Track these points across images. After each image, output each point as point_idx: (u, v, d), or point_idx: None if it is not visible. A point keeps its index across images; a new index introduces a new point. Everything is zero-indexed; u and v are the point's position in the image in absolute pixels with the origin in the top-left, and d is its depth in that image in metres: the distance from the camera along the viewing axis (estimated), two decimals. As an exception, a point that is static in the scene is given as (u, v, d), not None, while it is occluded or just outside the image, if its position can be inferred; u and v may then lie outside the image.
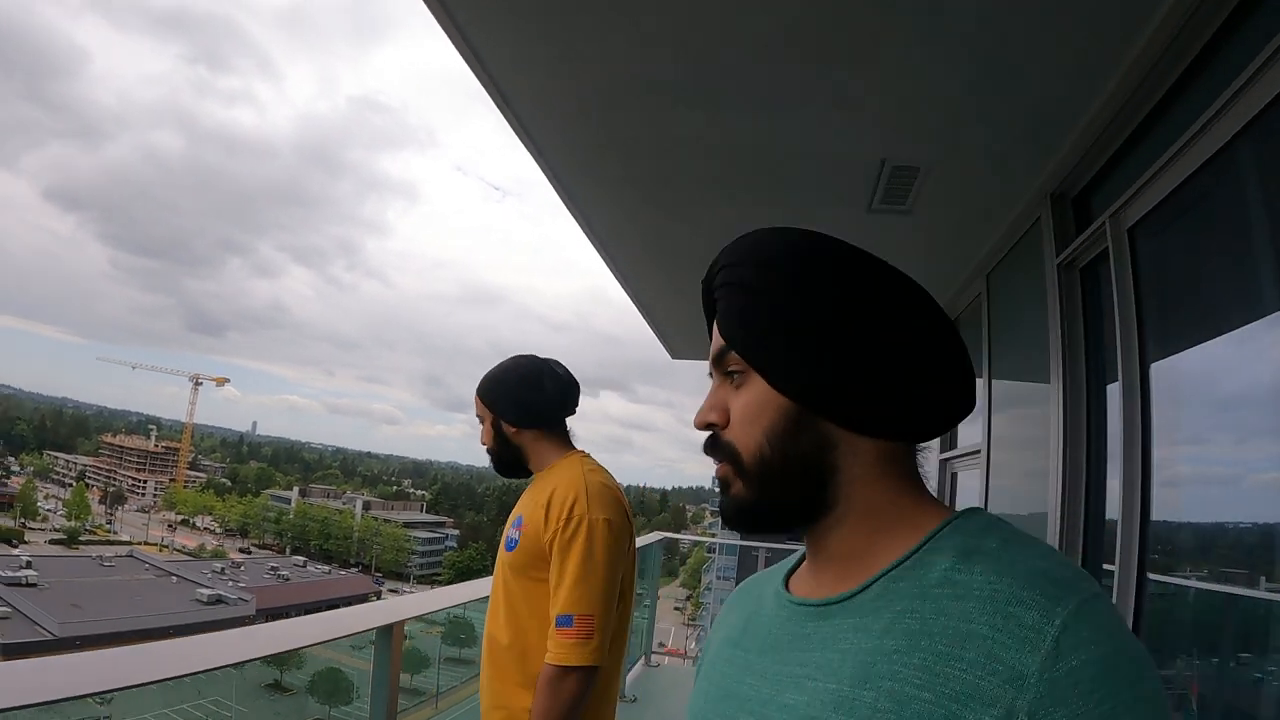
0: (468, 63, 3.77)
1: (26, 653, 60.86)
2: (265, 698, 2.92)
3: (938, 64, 3.53)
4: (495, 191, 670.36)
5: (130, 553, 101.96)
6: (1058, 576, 0.91)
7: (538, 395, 2.99)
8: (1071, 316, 4.31)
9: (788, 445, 1.07)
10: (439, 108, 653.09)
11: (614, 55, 3.69)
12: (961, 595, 0.93)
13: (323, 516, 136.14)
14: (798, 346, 1.06)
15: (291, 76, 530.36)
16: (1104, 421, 4.11)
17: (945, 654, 0.90)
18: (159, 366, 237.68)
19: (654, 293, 8.22)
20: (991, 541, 0.99)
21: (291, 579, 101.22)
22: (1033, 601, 0.88)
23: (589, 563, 2.69)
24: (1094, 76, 3.53)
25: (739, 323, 1.11)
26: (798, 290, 1.07)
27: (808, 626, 1.07)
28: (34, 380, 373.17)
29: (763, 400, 1.09)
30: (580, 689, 2.64)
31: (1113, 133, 3.82)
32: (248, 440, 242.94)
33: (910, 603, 0.97)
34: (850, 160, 4.52)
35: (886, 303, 1.06)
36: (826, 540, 1.10)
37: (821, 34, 3.40)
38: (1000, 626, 0.88)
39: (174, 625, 72.28)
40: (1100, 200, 4.12)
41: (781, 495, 1.09)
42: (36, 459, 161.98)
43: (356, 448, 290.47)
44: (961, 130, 4.11)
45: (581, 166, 5.01)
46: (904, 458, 1.10)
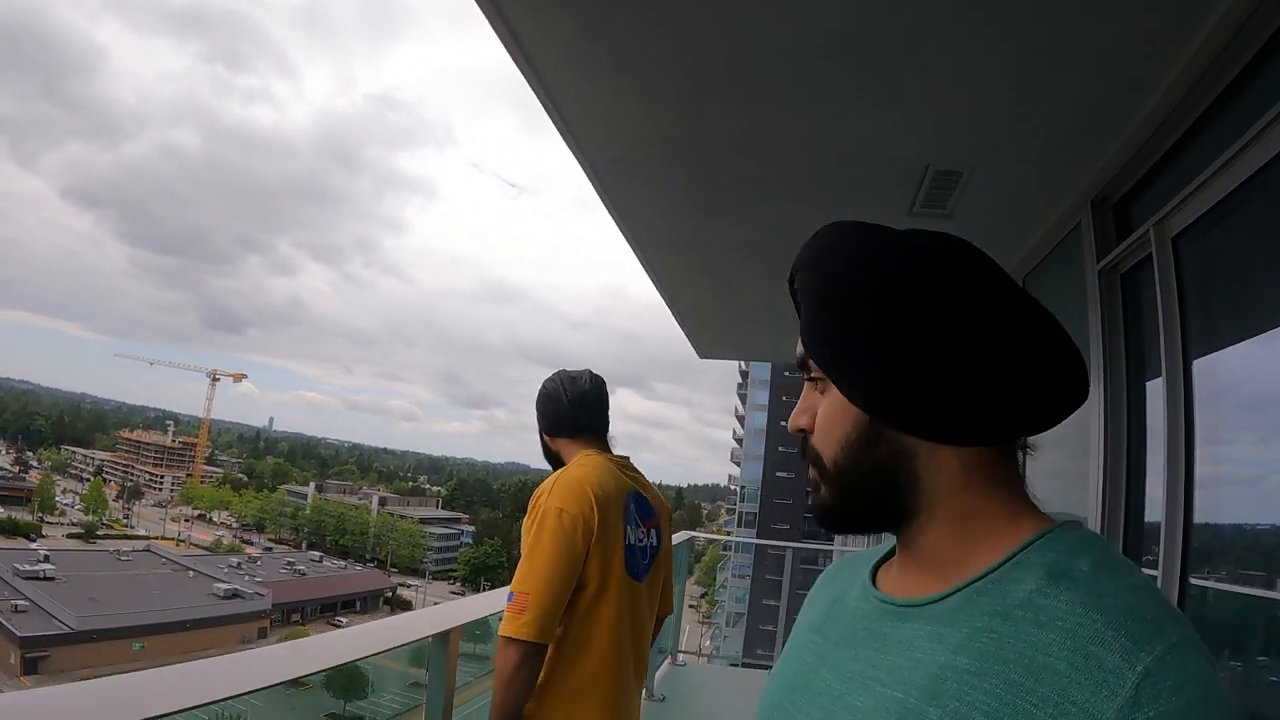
0: (513, 58, 3.80)
1: (44, 645, 61.35)
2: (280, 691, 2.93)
3: (986, 68, 3.55)
4: (511, 188, 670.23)
5: (147, 547, 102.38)
6: (1146, 616, 0.87)
7: (557, 407, 3.34)
8: (1112, 322, 4.32)
9: (862, 456, 1.06)
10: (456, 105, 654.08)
11: (661, 51, 3.71)
12: (1044, 623, 0.89)
13: (339, 512, 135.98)
14: (866, 359, 1.03)
15: (309, 75, 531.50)
16: (1144, 425, 4.12)
17: (1018, 684, 0.86)
18: (177, 363, 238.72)
19: (686, 291, 8.23)
20: (1083, 564, 0.94)
21: (308, 574, 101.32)
22: (1116, 643, 0.84)
23: (536, 547, 2.92)
24: (1140, 83, 3.54)
25: (810, 333, 1.11)
26: (864, 301, 1.03)
27: (886, 625, 1.06)
28: (53, 376, 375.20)
29: (839, 410, 1.08)
30: (515, 659, 2.82)
31: (1158, 140, 3.82)
32: (265, 436, 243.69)
33: (990, 620, 0.93)
34: (894, 163, 4.54)
35: (958, 304, 1.00)
36: (915, 542, 1.08)
37: (871, 36, 3.42)
38: (1079, 665, 0.84)
39: (190, 619, 72.60)
40: (1143, 207, 4.14)
41: (861, 504, 1.08)
42: (54, 454, 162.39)
43: (373, 444, 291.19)
44: (1006, 135, 4.12)
45: (621, 161, 5.02)
46: (995, 462, 1.04)
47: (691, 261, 7.10)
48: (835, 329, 1.06)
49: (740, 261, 6.86)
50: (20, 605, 66.41)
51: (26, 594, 68.87)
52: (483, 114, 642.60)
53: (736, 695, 8.88)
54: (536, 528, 2.95)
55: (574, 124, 4.47)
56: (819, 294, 1.08)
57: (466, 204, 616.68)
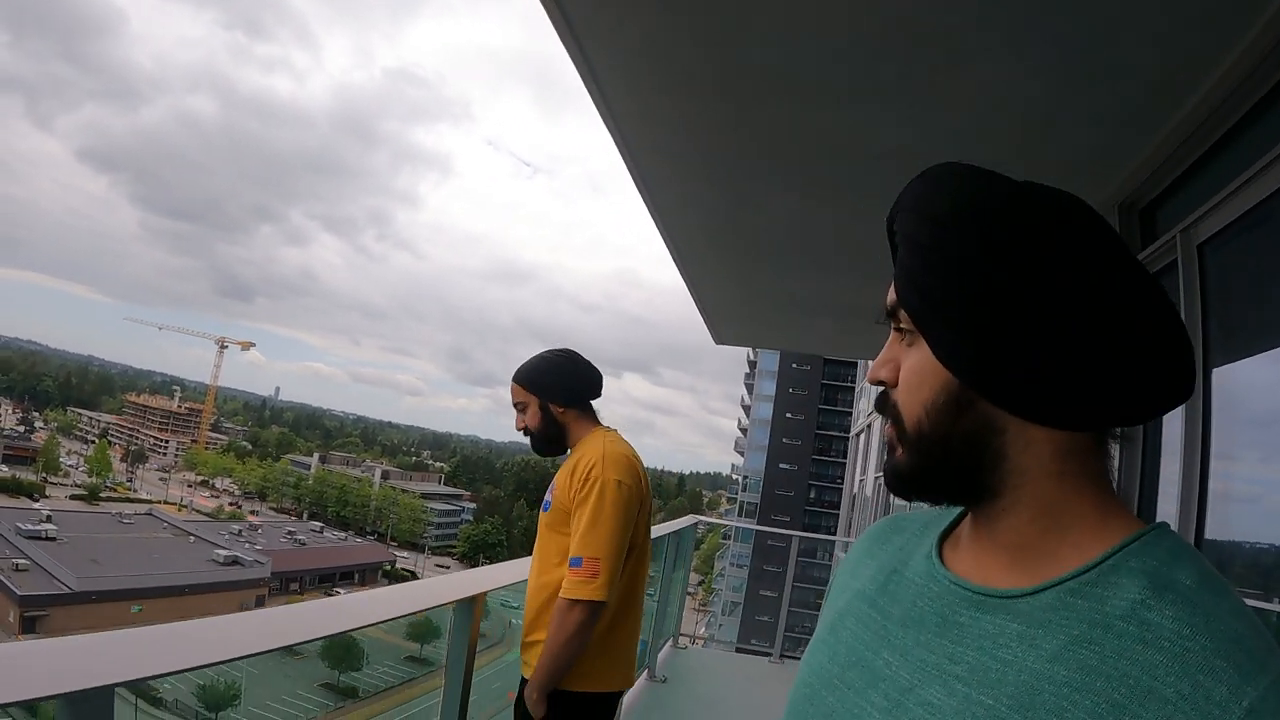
0: (562, 38, 3.80)
1: (43, 605, 61.58)
2: (275, 659, 2.94)
3: (1020, 72, 3.55)
4: (526, 168, 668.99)
5: (149, 511, 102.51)
6: (1253, 646, 0.82)
7: (577, 379, 3.53)
8: (1134, 328, 4.29)
9: (946, 423, 0.97)
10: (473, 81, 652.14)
11: (708, 42, 3.72)
12: (1149, 641, 0.83)
13: (341, 484, 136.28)
14: (964, 317, 0.94)
15: (329, 46, 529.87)
16: (1159, 434, 4.13)
17: (1121, 705, 0.81)
18: (186, 329, 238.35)
19: (709, 277, 8.24)
20: (1186, 577, 0.87)
21: (308, 544, 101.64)
22: (1224, 673, 0.79)
23: (599, 514, 3.18)
24: (1173, 92, 3.54)
25: (907, 281, 1.00)
26: (972, 255, 0.93)
27: (964, 614, 0.97)
28: (62, 338, 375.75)
29: (926, 369, 0.98)
30: (583, 619, 3.11)
31: (1188, 148, 3.83)
32: (270, 405, 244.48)
33: (1089, 630, 0.86)
34: (927, 162, 4.46)
35: (1073, 272, 0.90)
36: (994, 525, 1.00)
37: (912, 35, 3.43)
38: (1187, 695, 0.79)
39: (190, 584, 72.84)
40: (1169, 213, 4.15)
41: (940, 472, 1.00)
42: (61, 415, 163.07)
43: (378, 417, 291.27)
44: (1037, 137, 4.13)
45: (660, 146, 5.03)
46: (1088, 451, 0.96)
47: (718, 248, 7.10)
48: (934, 278, 0.96)
49: (766, 251, 6.89)
50: (21, 564, 66.64)
51: (28, 553, 69.06)
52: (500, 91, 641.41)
53: (736, 678, 8.94)
54: (597, 497, 3.19)
55: (616, 107, 4.48)
56: (920, 238, 0.98)
57: (481, 181, 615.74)
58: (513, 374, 3.57)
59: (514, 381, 3.55)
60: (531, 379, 3.52)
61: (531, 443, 3.57)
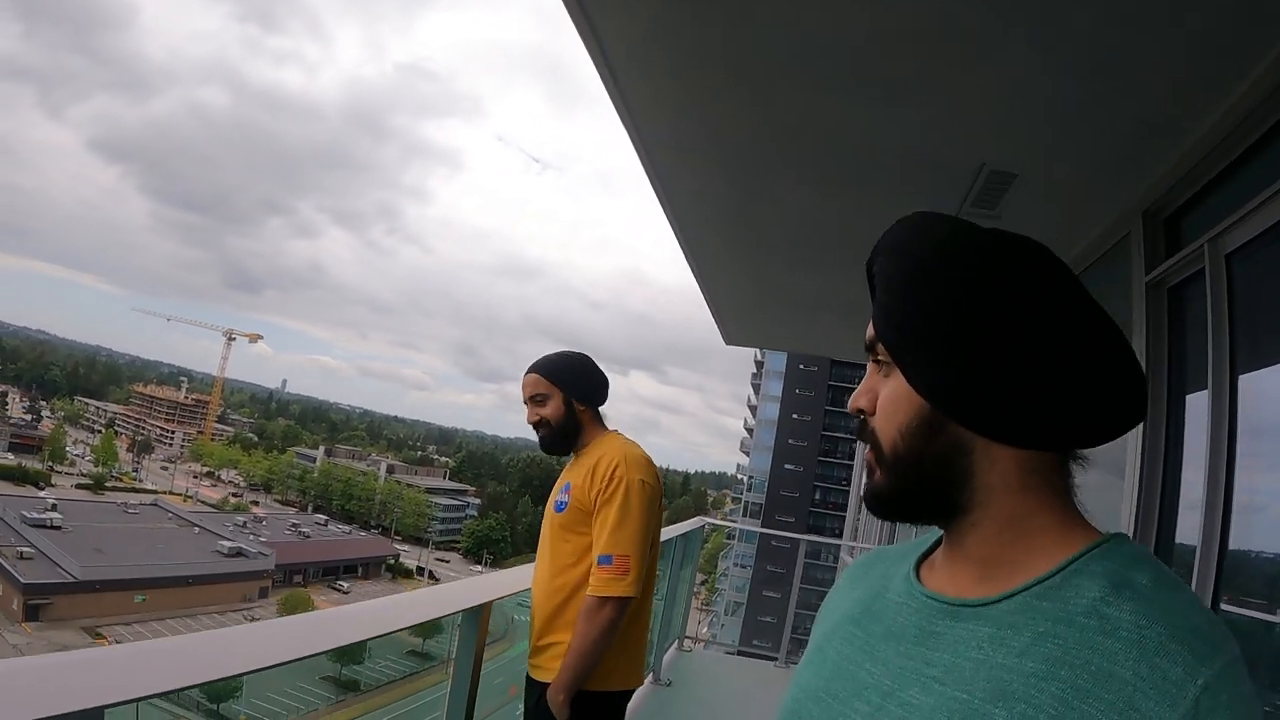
0: (575, 23, 3.75)
1: (47, 593, 61.81)
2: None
3: (1050, 71, 3.50)
4: (535, 164, 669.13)
5: (155, 501, 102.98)
6: (1207, 633, 0.90)
7: (597, 380, 3.61)
8: (1157, 336, 4.27)
9: (920, 444, 1.06)
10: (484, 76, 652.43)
11: (725, 36, 3.68)
12: (1108, 632, 0.91)
13: (346, 477, 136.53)
14: (933, 348, 1.04)
15: (340, 39, 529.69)
16: (1182, 444, 4.08)
17: (1084, 689, 0.89)
18: (194, 320, 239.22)
19: (722, 276, 8.19)
20: (1143, 577, 0.96)
21: (312, 536, 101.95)
22: (1180, 656, 0.87)
23: (625, 513, 3.26)
24: (1203, 98, 3.50)
25: (885, 317, 1.09)
26: (942, 292, 1.04)
27: (939, 624, 1.05)
28: (70, 327, 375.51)
29: (901, 395, 1.07)
30: (614, 616, 3.19)
31: (1216, 156, 3.77)
32: (277, 397, 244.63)
33: (1053, 626, 0.95)
34: (950, 161, 4.49)
35: (1033, 307, 1.01)
36: (964, 540, 1.08)
37: (939, 32, 3.38)
38: (1144, 675, 0.87)
39: (194, 575, 73.06)
40: (1195, 222, 4.09)
41: (915, 492, 1.08)
42: (68, 404, 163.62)
43: (385, 411, 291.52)
44: (1064, 140, 4.07)
45: (675, 141, 4.99)
46: (1050, 469, 1.05)
47: (730, 243, 7.04)
48: (910, 314, 1.06)
49: (778, 247, 6.82)
50: (26, 552, 66.96)
51: (33, 541, 69.36)
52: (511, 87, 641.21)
53: (741, 682, 8.90)
54: (623, 496, 3.27)
55: (632, 100, 4.43)
56: (898, 278, 1.08)
57: (490, 177, 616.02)
58: (530, 367, 3.57)
59: (535, 373, 3.54)
60: (556, 373, 3.53)
61: (544, 437, 3.56)
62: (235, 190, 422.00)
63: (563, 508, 3.40)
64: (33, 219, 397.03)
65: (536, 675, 3.37)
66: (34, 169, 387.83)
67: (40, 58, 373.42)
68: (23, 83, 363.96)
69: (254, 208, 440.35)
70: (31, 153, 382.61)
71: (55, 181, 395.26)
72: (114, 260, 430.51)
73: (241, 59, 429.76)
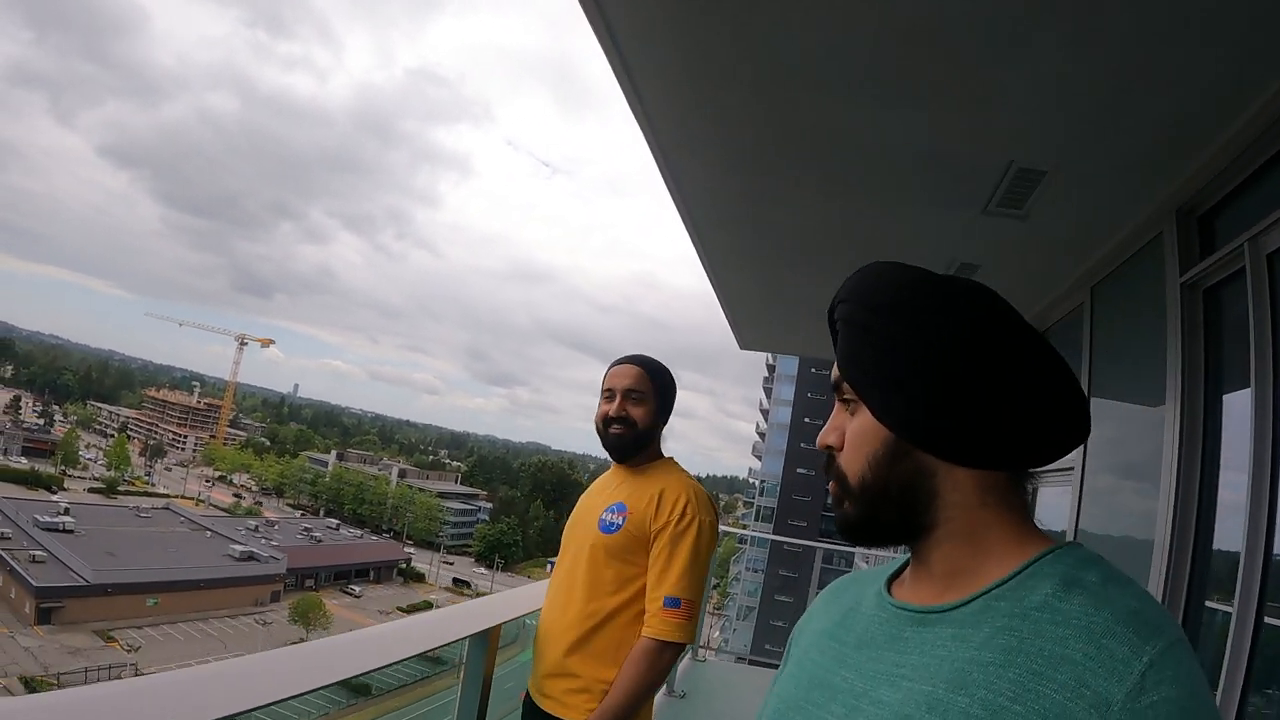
0: (595, 29, 3.70)
1: (59, 596, 61.94)
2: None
3: (1081, 66, 3.42)
4: (545, 168, 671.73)
5: (167, 505, 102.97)
6: (1150, 618, 0.99)
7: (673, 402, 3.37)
8: (1192, 337, 4.16)
9: (887, 472, 1.17)
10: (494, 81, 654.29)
11: (743, 36, 3.61)
12: (1059, 621, 1.00)
13: (358, 481, 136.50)
14: (898, 385, 1.15)
15: (350, 45, 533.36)
16: (1219, 448, 3.98)
17: (1039, 673, 0.97)
18: (205, 325, 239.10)
19: (738, 279, 8.11)
20: (1093, 576, 1.06)
21: (324, 541, 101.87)
22: (1125, 637, 0.96)
23: (696, 556, 3.06)
24: (1238, 93, 3.43)
25: (848, 358, 1.22)
26: (897, 333, 1.16)
27: (907, 631, 1.15)
28: (82, 332, 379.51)
29: (868, 429, 1.19)
30: (672, 662, 3.02)
31: (1253, 153, 3.69)
32: (289, 402, 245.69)
33: (1010, 621, 1.04)
34: (975, 161, 4.40)
35: (984, 343, 1.13)
36: (930, 556, 1.19)
37: (965, 31, 3.31)
38: (1093, 655, 0.96)
39: (205, 579, 73.10)
40: (1232, 220, 3.99)
41: (883, 516, 1.19)
42: (80, 409, 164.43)
43: (396, 415, 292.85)
44: (1093, 137, 3.97)
45: (691, 140, 4.91)
46: (1006, 485, 1.16)
47: (748, 250, 6.98)
48: (873, 356, 1.18)
49: (798, 254, 6.75)
50: (38, 556, 67.03)
51: (45, 545, 69.47)
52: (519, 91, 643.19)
53: (756, 692, 8.72)
54: (695, 537, 3.07)
55: (649, 102, 4.36)
56: (859, 322, 1.21)
57: (500, 181, 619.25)
58: (633, 358, 3.32)
59: (642, 367, 3.29)
60: (662, 381, 3.31)
61: (621, 436, 3.24)
62: (245, 195, 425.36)
63: (615, 529, 3.13)
64: (44, 224, 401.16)
65: (549, 708, 3.12)
66: (45, 175, 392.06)
67: (51, 64, 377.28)
68: (34, 89, 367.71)
69: (264, 212, 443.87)
70: (42, 158, 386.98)
71: (66, 187, 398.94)
72: (125, 265, 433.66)
73: (251, 64, 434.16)
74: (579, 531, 3.26)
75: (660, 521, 3.08)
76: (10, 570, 64.91)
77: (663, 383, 3.30)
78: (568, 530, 3.36)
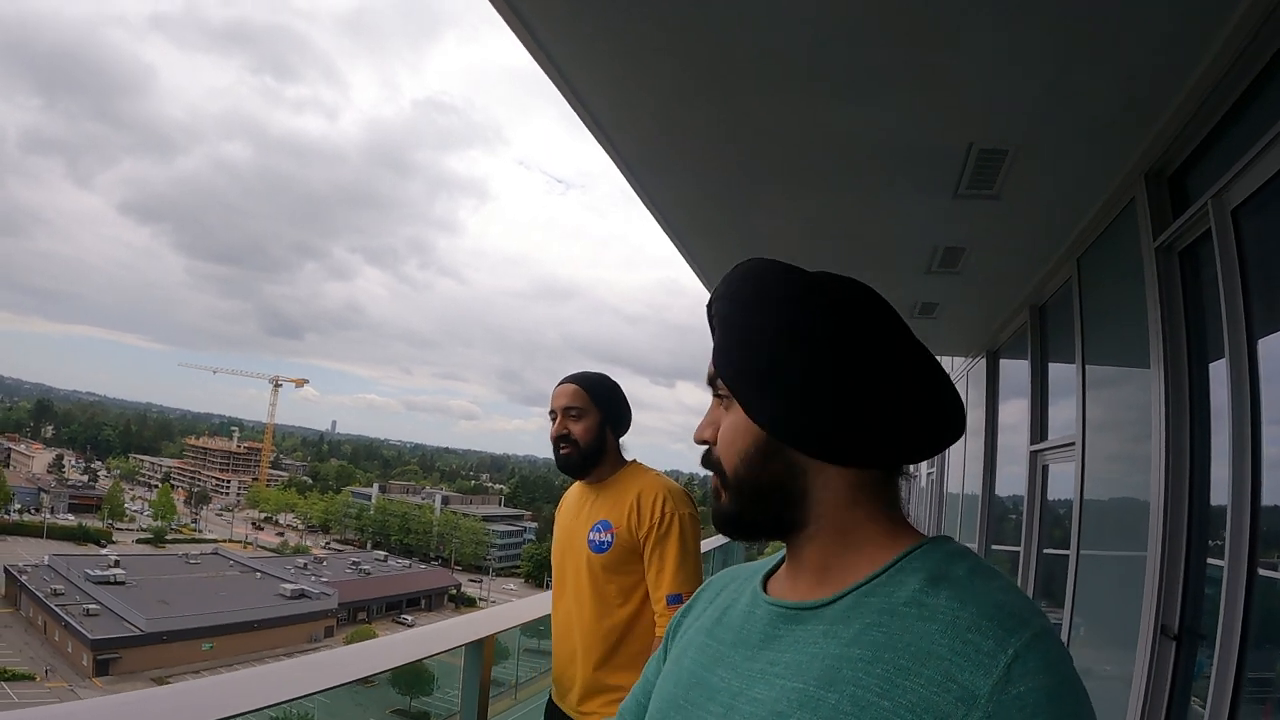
0: (535, 58, 3.77)
1: (115, 648, 62.52)
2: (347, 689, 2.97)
3: (1026, 41, 3.44)
4: (558, 184, 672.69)
5: (215, 550, 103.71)
6: (1014, 610, 1.01)
7: (628, 409, 3.47)
8: (1171, 302, 4.17)
9: (758, 469, 1.18)
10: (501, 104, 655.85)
11: (686, 44, 3.65)
12: (926, 617, 1.02)
13: (402, 512, 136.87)
14: (766, 382, 1.16)
15: (355, 82, 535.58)
16: (1207, 407, 4.01)
17: (906, 668, 0.99)
18: (239, 370, 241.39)
19: (726, 282, 8.04)
20: (959, 569, 1.08)
21: (373, 573, 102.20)
22: (990, 630, 0.98)
23: (685, 549, 3.17)
24: (1188, 49, 3.43)
25: (723, 356, 1.22)
26: (767, 330, 1.16)
27: (780, 628, 1.17)
28: (119, 387, 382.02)
29: (740, 426, 1.20)
30: None
31: (1211, 107, 3.69)
32: (328, 439, 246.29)
33: (878, 617, 1.06)
34: (936, 146, 4.42)
35: (855, 342, 1.13)
36: (802, 552, 1.21)
37: (905, 16, 3.33)
38: (958, 650, 0.97)
39: (259, 619, 73.50)
40: (1199, 179, 3.99)
41: (756, 511, 1.21)
42: (123, 462, 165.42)
43: (435, 443, 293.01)
44: (1050, 110, 3.98)
45: (655, 157, 4.96)
46: (877, 483, 1.18)
47: (734, 254, 6.81)
48: (744, 353, 1.19)
49: (784, 251, 6.63)
50: (92, 609, 67.65)
51: (98, 598, 70.13)
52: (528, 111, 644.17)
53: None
54: (679, 533, 3.18)
55: (602, 119, 4.41)
56: (733, 320, 1.21)
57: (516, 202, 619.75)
58: (569, 378, 3.42)
59: (575, 384, 3.38)
60: (599, 393, 3.39)
61: (567, 455, 3.33)
62: (267, 239, 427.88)
63: (605, 547, 3.24)
64: (73, 285, 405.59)
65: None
66: (69, 237, 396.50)
67: (63, 128, 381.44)
68: (50, 154, 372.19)
69: (287, 254, 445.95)
70: (66, 221, 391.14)
71: (91, 247, 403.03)
72: (155, 318, 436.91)
73: (260, 110, 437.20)
74: (570, 556, 3.37)
75: (645, 527, 3.19)
76: (66, 625, 65.67)
77: (602, 394, 3.38)
78: (558, 556, 3.46)
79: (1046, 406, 7.18)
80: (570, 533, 3.39)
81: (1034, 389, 7.27)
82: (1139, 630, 4.15)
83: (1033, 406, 7.26)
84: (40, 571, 77.48)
